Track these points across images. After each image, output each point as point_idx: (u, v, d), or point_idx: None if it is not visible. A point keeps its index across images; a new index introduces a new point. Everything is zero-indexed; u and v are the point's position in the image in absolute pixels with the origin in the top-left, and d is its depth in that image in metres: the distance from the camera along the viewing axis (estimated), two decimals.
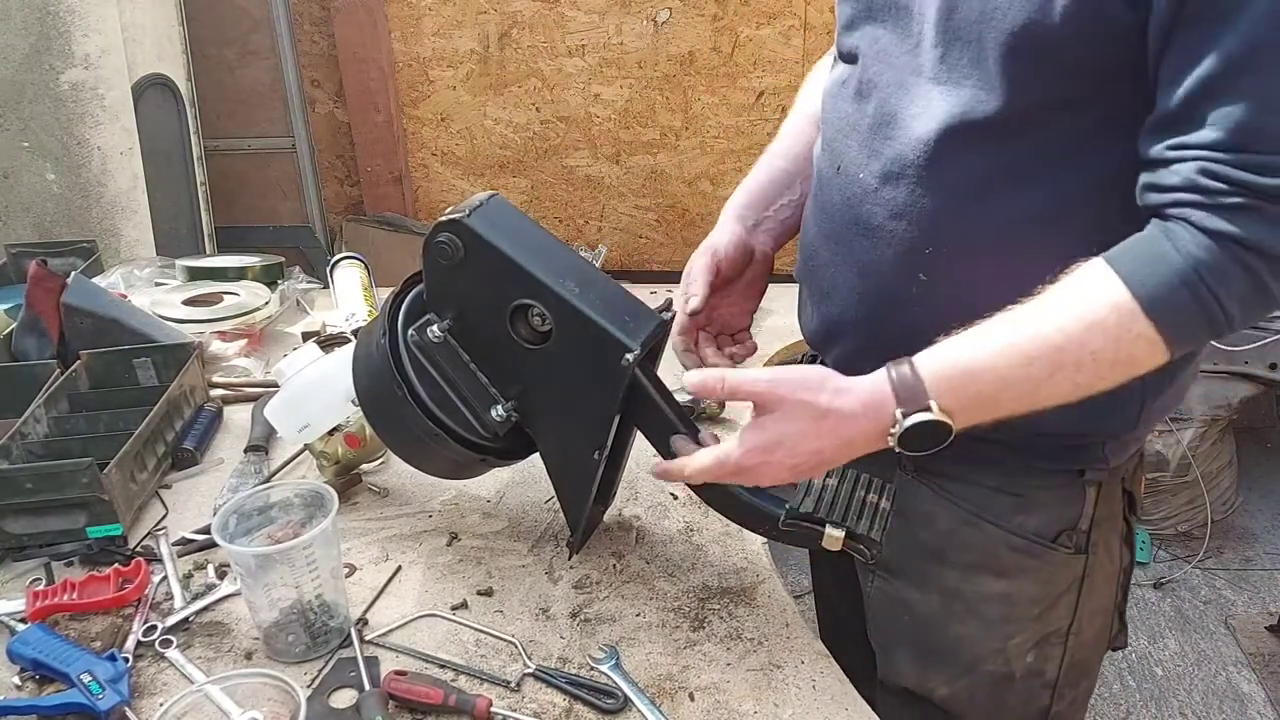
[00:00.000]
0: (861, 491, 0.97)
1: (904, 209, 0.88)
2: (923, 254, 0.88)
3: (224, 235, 3.19)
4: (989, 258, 0.86)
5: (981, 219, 0.85)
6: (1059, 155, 0.82)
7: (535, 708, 0.91)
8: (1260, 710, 2.20)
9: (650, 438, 1.03)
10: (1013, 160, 0.83)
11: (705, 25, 2.98)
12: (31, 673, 0.95)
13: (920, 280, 0.89)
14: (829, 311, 1.00)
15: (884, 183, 0.90)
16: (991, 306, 0.83)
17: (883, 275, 0.92)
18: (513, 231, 1.00)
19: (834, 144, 0.98)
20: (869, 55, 0.93)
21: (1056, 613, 0.98)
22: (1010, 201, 0.84)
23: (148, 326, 1.51)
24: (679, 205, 3.22)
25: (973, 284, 0.85)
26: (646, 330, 0.99)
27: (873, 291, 0.94)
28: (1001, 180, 0.84)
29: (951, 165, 0.85)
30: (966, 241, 0.86)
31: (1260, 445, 3.11)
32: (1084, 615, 0.98)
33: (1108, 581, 1.00)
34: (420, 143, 3.29)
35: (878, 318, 0.94)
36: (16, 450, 1.18)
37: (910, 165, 0.87)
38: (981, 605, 0.98)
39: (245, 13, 3.12)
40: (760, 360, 1.57)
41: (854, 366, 0.98)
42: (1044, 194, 0.83)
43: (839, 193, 0.96)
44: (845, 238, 0.95)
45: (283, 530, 1.00)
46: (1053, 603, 0.97)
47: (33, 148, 2.38)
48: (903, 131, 0.88)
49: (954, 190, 0.86)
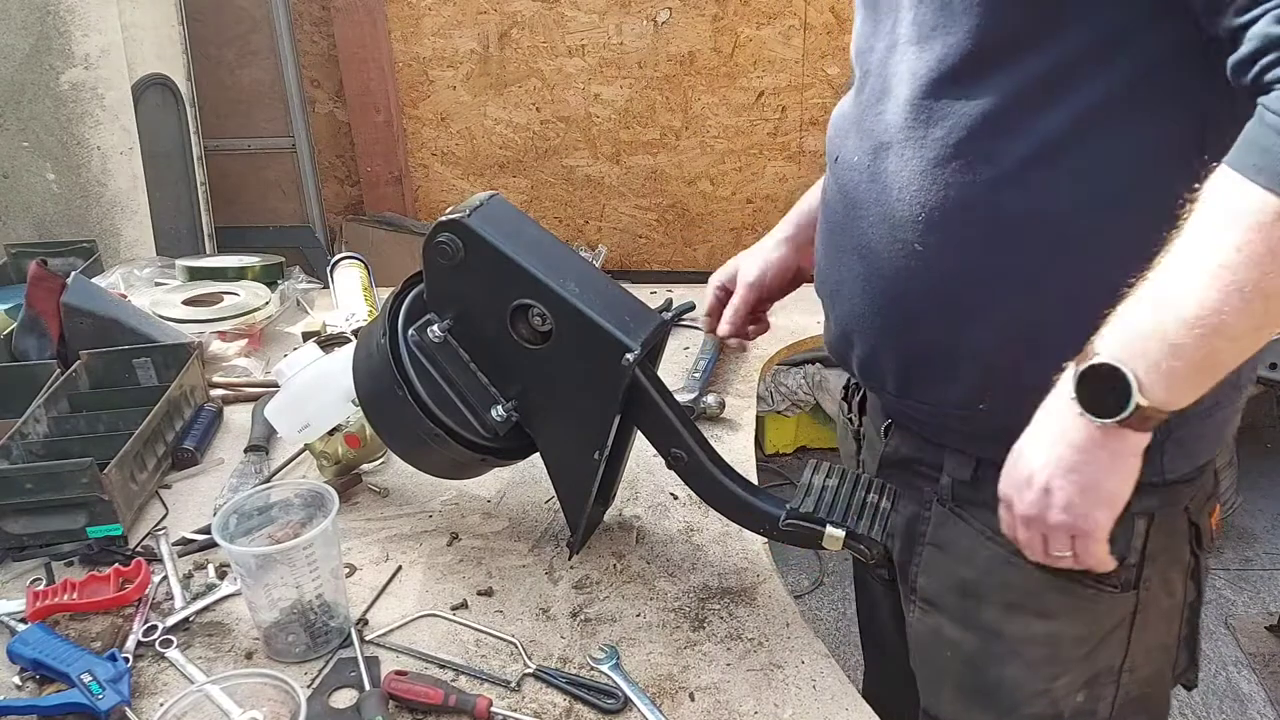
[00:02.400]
0: (861, 492, 0.97)
1: (892, 178, 0.87)
2: (915, 222, 0.86)
3: (224, 235, 3.18)
4: (977, 215, 0.83)
5: (963, 175, 0.83)
6: (1034, 99, 0.79)
7: (535, 708, 0.91)
8: (1260, 710, 2.20)
9: (650, 438, 1.04)
10: (988, 111, 0.81)
11: (705, 25, 2.98)
12: (31, 673, 0.95)
13: (916, 250, 0.87)
14: (841, 311, 0.99)
15: (874, 158, 0.89)
16: (983, 270, 0.82)
17: (879, 253, 0.90)
18: (513, 231, 1.00)
19: (834, 141, 0.98)
20: (864, 51, 0.93)
21: (1107, 651, 0.93)
22: (991, 152, 0.81)
23: (148, 326, 1.51)
24: (679, 205, 3.22)
25: (962, 247, 0.84)
26: (646, 330, 0.99)
27: (874, 273, 0.92)
28: (983, 132, 0.81)
29: (932, 122, 0.83)
30: (951, 202, 0.84)
31: (1260, 445, 3.11)
32: (1138, 653, 0.94)
33: (1166, 618, 0.95)
34: (420, 143, 3.28)
35: (882, 300, 0.92)
36: (16, 450, 1.18)
37: (893, 129, 0.86)
38: (1023, 646, 0.94)
39: (245, 13, 3.12)
40: (760, 361, 1.57)
41: (872, 367, 0.98)
42: (1023, 142, 0.80)
43: (835, 184, 0.95)
44: (846, 227, 0.94)
45: (283, 530, 1.00)
46: (1101, 641, 0.93)
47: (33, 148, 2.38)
48: (890, 101, 0.87)
49: (934, 150, 0.84)
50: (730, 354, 1.58)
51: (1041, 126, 0.80)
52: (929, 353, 0.92)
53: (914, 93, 0.85)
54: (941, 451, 0.97)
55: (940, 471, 0.97)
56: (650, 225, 3.29)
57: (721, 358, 1.55)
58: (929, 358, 0.92)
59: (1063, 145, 0.80)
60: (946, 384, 0.91)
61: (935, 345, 0.91)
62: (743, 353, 1.56)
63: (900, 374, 0.95)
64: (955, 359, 0.90)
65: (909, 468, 1.02)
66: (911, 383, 0.95)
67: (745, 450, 1.32)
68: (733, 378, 1.52)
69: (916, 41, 0.85)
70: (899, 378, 0.96)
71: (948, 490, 0.97)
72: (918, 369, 0.93)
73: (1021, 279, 0.84)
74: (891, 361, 0.95)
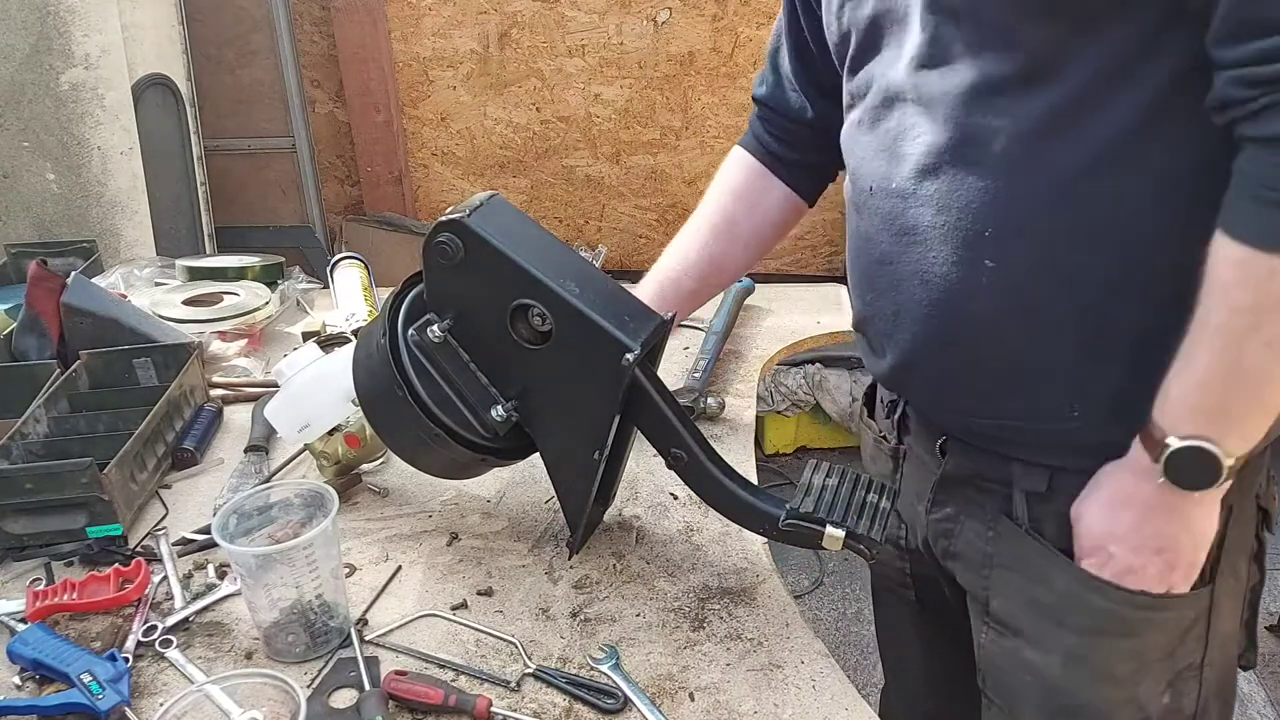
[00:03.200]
0: (861, 492, 0.97)
1: (949, 198, 0.85)
2: (982, 238, 0.84)
3: (224, 235, 3.19)
4: (1047, 222, 0.82)
5: (1027, 184, 0.82)
6: (1089, 99, 0.78)
7: (535, 708, 0.91)
8: (1260, 710, 2.20)
9: (650, 438, 1.04)
10: (1043, 116, 0.80)
11: (705, 25, 2.98)
12: (31, 673, 0.95)
13: (987, 267, 0.85)
14: (901, 340, 0.95)
15: (921, 180, 0.87)
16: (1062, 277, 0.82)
17: (945, 275, 0.87)
18: (513, 231, 1.00)
19: (860, 173, 0.95)
20: (878, 80, 0.91)
21: (1186, 648, 0.92)
22: (1053, 158, 0.80)
23: (147, 326, 1.51)
24: (679, 205, 3.22)
25: (1038, 256, 0.83)
26: (646, 330, 0.99)
27: (941, 298, 0.89)
28: (1039, 139, 0.80)
29: (984, 140, 0.82)
30: (1021, 212, 0.83)
31: None
32: (1215, 645, 0.93)
33: (1234, 603, 0.95)
34: (420, 143, 3.28)
35: (954, 323, 0.89)
36: (16, 450, 1.18)
37: (938, 152, 0.85)
38: (1110, 666, 0.93)
39: (245, 13, 3.12)
40: (760, 361, 1.57)
41: (943, 392, 0.95)
42: (1085, 143, 0.79)
43: (877, 215, 0.92)
44: (898, 256, 0.91)
45: (283, 530, 1.00)
46: (1181, 640, 0.92)
47: (33, 148, 2.38)
48: (926, 124, 0.85)
49: (994, 161, 0.82)
50: (730, 354, 1.58)
51: (1103, 128, 0.79)
52: (1008, 367, 0.89)
53: (956, 112, 0.83)
54: (1008, 465, 0.93)
55: (1006, 486, 0.94)
56: (650, 225, 3.29)
57: (721, 358, 1.55)
58: (1009, 372, 0.89)
59: (1128, 142, 0.79)
60: (1031, 397, 0.89)
61: (1018, 359, 0.88)
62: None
63: (977, 393, 0.92)
64: (1039, 371, 0.88)
65: (971, 484, 0.98)
66: (990, 400, 0.92)
67: (745, 450, 1.32)
68: (733, 378, 1.52)
69: (946, 62, 0.83)
70: (976, 396, 0.92)
71: (1021, 505, 0.94)
72: (998, 386, 0.90)
73: (1101, 280, 0.83)
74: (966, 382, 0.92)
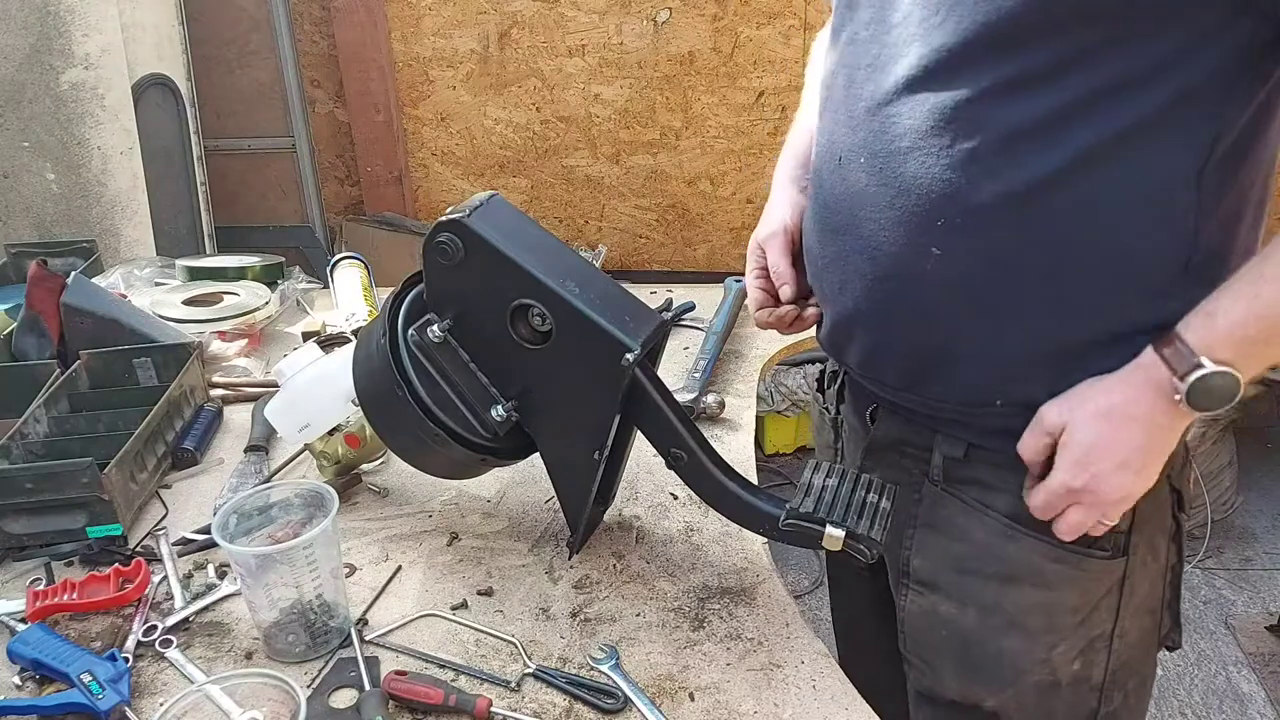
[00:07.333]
0: (862, 491, 0.97)
1: (912, 183, 0.86)
2: (934, 226, 0.86)
3: (224, 235, 3.19)
4: (1003, 224, 0.83)
5: (991, 183, 0.82)
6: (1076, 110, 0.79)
7: (535, 708, 0.91)
8: (1260, 710, 2.20)
9: (650, 438, 1.04)
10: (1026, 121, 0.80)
11: (705, 25, 2.98)
12: (31, 673, 0.95)
13: (933, 254, 0.87)
14: (843, 306, 0.98)
15: (887, 162, 0.88)
16: (1005, 279, 0.82)
17: (892, 255, 0.89)
18: (513, 232, 1.00)
19: (831, 134, 0.97)
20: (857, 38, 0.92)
21: (1098, 617, 0.96)
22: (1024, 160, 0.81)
23: (148, 326, 1.51)
24: (679, 205, 3.22)
25: (985, 255, 0.84)
26: (647, 330, 0.99)
27: (885, 275, 0.91)
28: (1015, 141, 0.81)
29: (960, 131, 0.82)
30: (977, 209, 0.84)
31: (1260, 445, 3.11)
32: (1127, 617, 0.97)
33: (1151, 581, 0.98)
34: (420, 143, 3.29)
35: (892, 302, 0.92)
36: (16, 450, 1.19)
37: (914, 135, 0.85)
38: (1022, 617, 0.96)
39: (245, 13, 3.12)
40: (760, 361, 1.57)
41: (874, 363, 0.98)
42: (1059, 151, 0.80)
43: (841, 183, 0.94)
44: (850, 228, 0.93)
45: (283, 530, 1.00)
46: (1094, 609, 0.95)
47: (33, 148, 2.38)
48: (906, 106, 0.86)
49: (964, 156, 0.83)
50: (730, 354, 1.58)
51: (1081, 139, 0.79)
52: (940, 352, 0.91)
53: (939, 101, 0.83)
54: (931, 434, 0.98)
55: (928, 452, 0.98)
56: (650, 225, 3.29)
57: (721, 358, 1.55)
58: (939, 357, 0.92)
59: (1100, 156, 0.79)
60: (957, 383, 0.92)
61: (948, 345, 0.90)
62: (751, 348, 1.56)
63: (906, 371, 0.95)
64: (968, 359, 0.90)
65: (895, 450, 1.03)
66: (917, 379, 0.95)
67: (745, 450, 1.32)
68: (733, 378, 1.52)
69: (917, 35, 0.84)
70: (904, 374, 0.96)
71: (939, 469, 0.98)
72: (926, 367, 0.93)
73: (1045, 291, 0.84)
74: (898, 358, 0.95)
